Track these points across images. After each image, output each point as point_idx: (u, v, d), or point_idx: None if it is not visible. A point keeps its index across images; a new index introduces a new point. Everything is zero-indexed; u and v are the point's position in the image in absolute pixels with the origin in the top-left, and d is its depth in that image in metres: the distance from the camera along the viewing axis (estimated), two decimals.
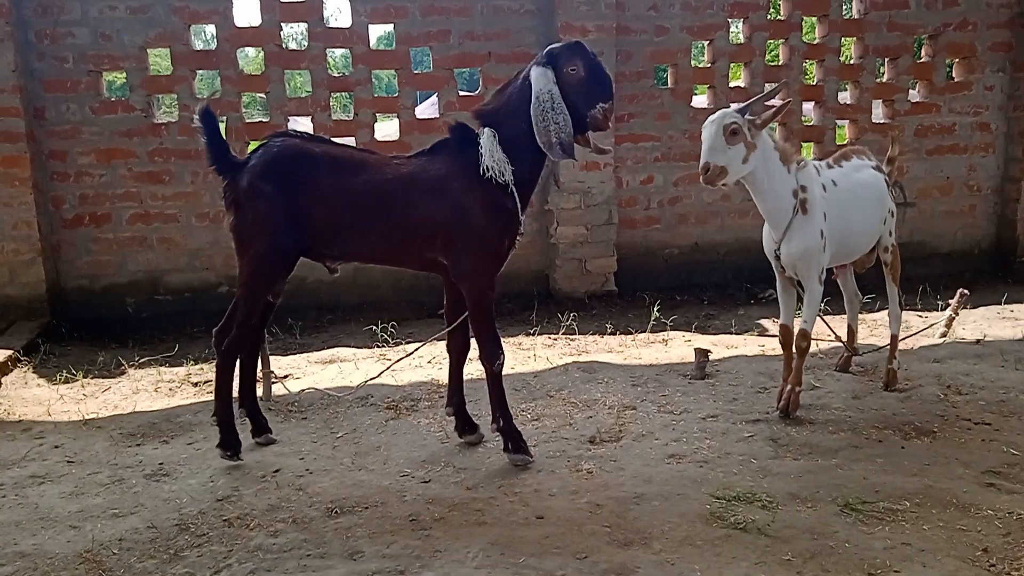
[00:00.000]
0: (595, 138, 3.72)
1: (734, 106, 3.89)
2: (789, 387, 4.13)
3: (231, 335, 3.73)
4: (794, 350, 4.13)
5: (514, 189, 3.59)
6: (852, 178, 4.28)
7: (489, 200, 3.57)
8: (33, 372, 5.25)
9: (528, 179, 3.67)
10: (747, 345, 5.43)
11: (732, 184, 3.88)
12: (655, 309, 5.89)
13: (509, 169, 3.55)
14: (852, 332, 4.78)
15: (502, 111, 3.62)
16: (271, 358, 4.67)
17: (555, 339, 5.67)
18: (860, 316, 5.54)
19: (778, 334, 4.28)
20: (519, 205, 3.64)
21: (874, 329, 5.63)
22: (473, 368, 5.01)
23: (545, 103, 3.48)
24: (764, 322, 5.99)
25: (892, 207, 4.42)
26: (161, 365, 5.35)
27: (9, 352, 5.32)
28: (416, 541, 3.02)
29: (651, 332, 5.74)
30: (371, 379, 4.56)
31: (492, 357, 3.70)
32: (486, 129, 3.60)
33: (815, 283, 4.03)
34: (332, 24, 6.53)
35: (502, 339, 5.62)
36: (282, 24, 6.43)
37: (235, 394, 3.92)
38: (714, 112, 3.85)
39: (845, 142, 7.08)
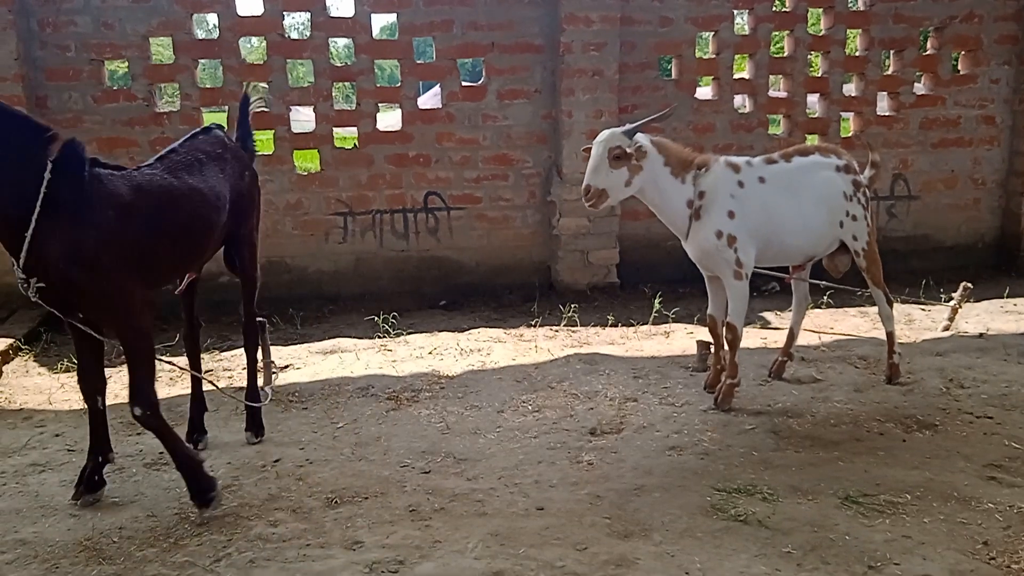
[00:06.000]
0: None
1: (621, 128, 3.82)
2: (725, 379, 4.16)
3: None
4: (724, 342, 4.17)
5: None
6: (792, 177, 4.11)
7: None
8: (34, 361, 5.25)
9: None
10: (749, 338, 5.40)
11: (616, 205, 3.90)
12: (657, 301, 5.87)
13: None
14: (792, 336, 4.59)
15: None
16: (272, 348, 4.66)
17: (557, 331, 5.67)
18: (863, 310, 5.53)
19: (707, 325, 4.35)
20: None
21: (877, 323, 5.60)
22: (473, 360, 5.02)
23: None
24: (766, 315, 5.98)
25: (856, 211, 4.20)
26: (161, 354, 5.32)
27: (11, 341, 5.33)
28: (416, 531, 3.03)
29: (653, 324, 5.74)
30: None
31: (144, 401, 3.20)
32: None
33: (731, 279, 4.03)
34: (335, 13, 6.50)
35: (504, 330, 5.68)
36: (284, 13, 6.42)
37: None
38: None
39: (850, 134, 7.06)
